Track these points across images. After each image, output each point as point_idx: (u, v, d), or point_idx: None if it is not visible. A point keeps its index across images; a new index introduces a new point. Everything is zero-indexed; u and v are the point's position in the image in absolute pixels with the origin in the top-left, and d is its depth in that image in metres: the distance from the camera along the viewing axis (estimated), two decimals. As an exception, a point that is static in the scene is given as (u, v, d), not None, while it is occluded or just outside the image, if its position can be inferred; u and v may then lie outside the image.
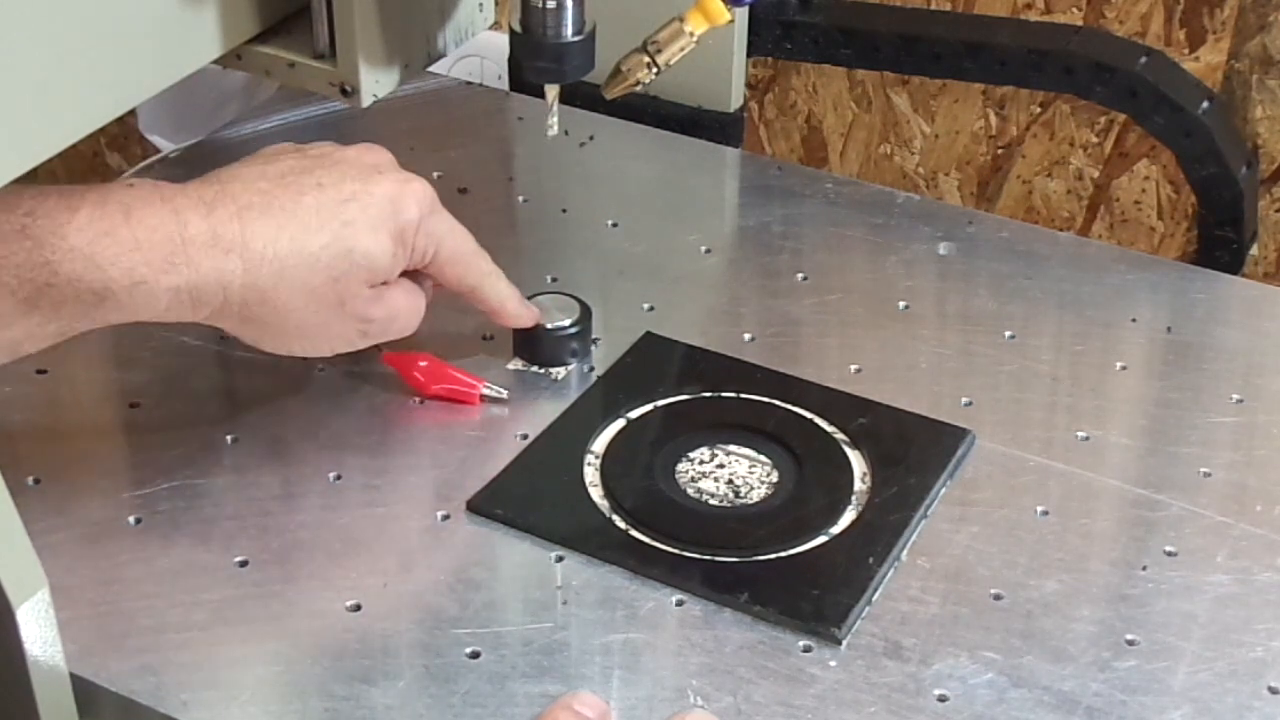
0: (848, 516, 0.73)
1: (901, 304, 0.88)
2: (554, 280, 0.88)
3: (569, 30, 0.74)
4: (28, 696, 0.58)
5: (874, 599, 0.69)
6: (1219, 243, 1.03)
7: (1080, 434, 0.79)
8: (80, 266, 0.65)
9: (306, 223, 0.70)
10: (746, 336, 0.85)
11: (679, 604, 0.69)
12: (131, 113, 0.92)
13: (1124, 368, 0.84)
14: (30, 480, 0.73)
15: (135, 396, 0.79)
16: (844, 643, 0.67)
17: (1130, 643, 0.68)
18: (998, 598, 0.69)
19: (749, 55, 1.07)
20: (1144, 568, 0.71)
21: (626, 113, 1.01)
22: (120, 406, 0.79)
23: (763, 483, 0.75)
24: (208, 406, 0.79)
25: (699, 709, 0.63)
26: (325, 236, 0.70)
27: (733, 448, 0.77)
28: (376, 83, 0.74)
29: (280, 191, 0.70)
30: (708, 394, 0.80)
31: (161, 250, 0.66)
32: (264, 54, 0.73)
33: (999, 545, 0.72)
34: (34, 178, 0.64)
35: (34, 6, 0.61)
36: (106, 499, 0.73)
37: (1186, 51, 1.11)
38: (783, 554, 0.71)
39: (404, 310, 0.75)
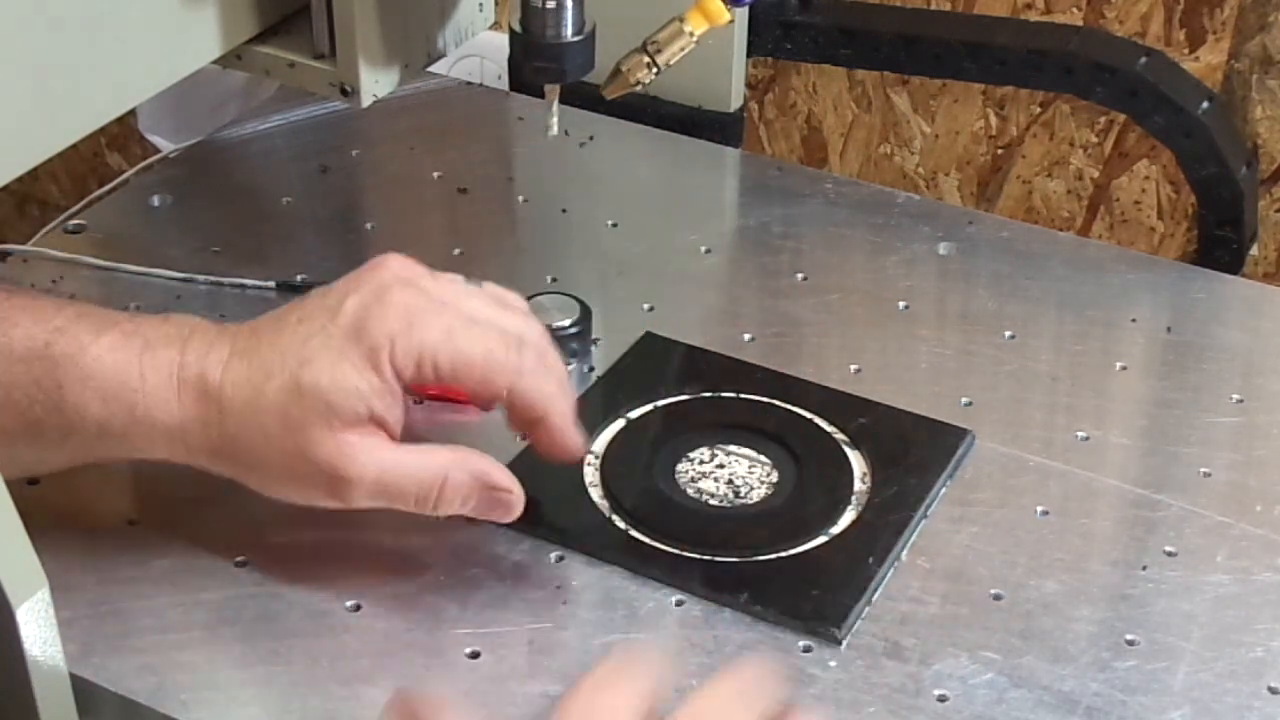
0: (848, 516, 0.73)
1: (901, 304, 0.88)
2: (554, 280, 0.88)
3: (569, 30, 0.74)
4: (28, 696, 0.58)
5: (874, 599, 0.69)
6: (1219, 243, 1.03)
7: (1080, 434, 0.79)
8: (87, 397, 0.65)
9: (268, 366, 0.65)
10: (746, 336, 0.85)
11: (679, 604, 0.69)
12: (131, 113, 0.92)
13: (1124, 368, 0.84)
14: (30, 480, 0.73)
15: (135, 396, 0.79)
16: (844, 643, 0.67)
17: (1130, 643, 0.68)
18: (998, 598, 0.70)
19: (749, 55, 1.07)
20: (1144, 568, 0.71)
21: (626, 113, 1.01)
22: (120, 406, 0.79)
23: (763, 483, 0.75)
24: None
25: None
26: (280, 379, 0.65)
27: (733, 448, 0.77)
28: (376, 83, 0.74)
29: (267, 332, 0.66)
30: (708, 394, 0.80)
31: (160, 392, 0.65)
32: (264, 54, 0.73)
33: (999, 545, 0.72)
34: (34, 177, 0.64)
35: (34, 6, 0.61)
36: (106, 499, 0.73)
37: (1186, 51, 1.11)
38: (783, 554, 0.71)
39: (387, 465, 0.65)
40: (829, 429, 0.78)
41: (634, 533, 0.72)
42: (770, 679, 0.59)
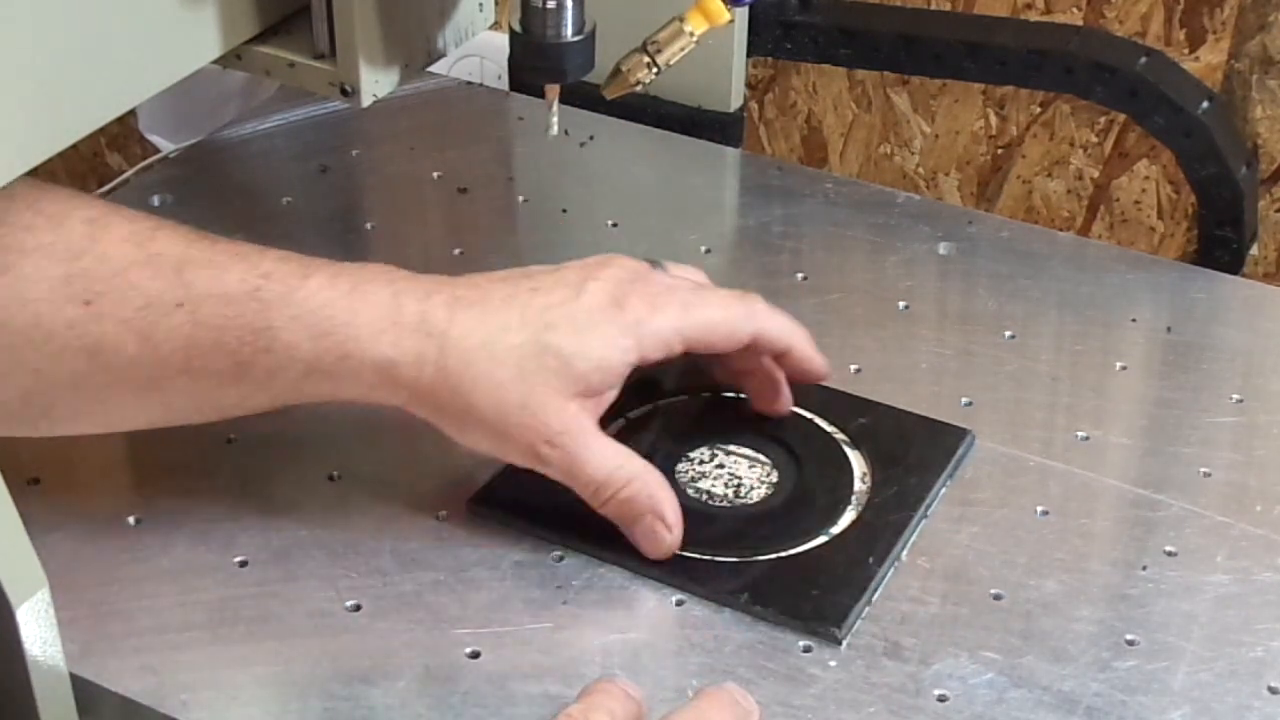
0: (848, 516, 0.73)
1: (901, 304, 0.88)
2: (554, 280, 0.88)
3: (569, 30, 0.74)
4: (28, 696, 0.58)
5: (874, 599, 0.69)
6: (1219, 243, 1.03)
7: (1080, 434, 0.79)
8: (298, 335, 0.67)
9: (505, 320, 0.68)
10: (746, 336, 0.85)
11: (679, 604, 0.69)
12: (131, 113, 0.93)
13: (1124, 368, 0.84)
14: (30, 480, 0.73)
15: (135, 396, 0.79)
16: (844, 643, 0.67)
17: (1130, 643, 0.68)
18: (998, 598, 0.70)
19: (749, 55, 1.07)
20: (1144, 568, 0.71)
21: (626, 113, 1.01)
22: (120, 406, 0.79)
23: (763, 483, 0.75)
24: (208, 406, 0.79)
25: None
26: (521, 335, 0.68)
27: (733, 448, 0.77)
28: (376, 83, 0.74)
29: (495, 289, 0.70)
30: (707, 394, 0.80)
31: (373, 326, 0.67)
32: (264, 54, 0.73)
33: (999, 545, 0.72)
34: (34, 178, 0.64)
35: (35, 6, 0.61)
36: (106, 499, 0.73)
37: (1186, 51, 1.11)
38: (783, 554, 0.71)
39: (592, 448, 0.69)
40: (829, 429, 0.78)
41: (634, 533, 0.72)
42: (743, 701, 0.60)
